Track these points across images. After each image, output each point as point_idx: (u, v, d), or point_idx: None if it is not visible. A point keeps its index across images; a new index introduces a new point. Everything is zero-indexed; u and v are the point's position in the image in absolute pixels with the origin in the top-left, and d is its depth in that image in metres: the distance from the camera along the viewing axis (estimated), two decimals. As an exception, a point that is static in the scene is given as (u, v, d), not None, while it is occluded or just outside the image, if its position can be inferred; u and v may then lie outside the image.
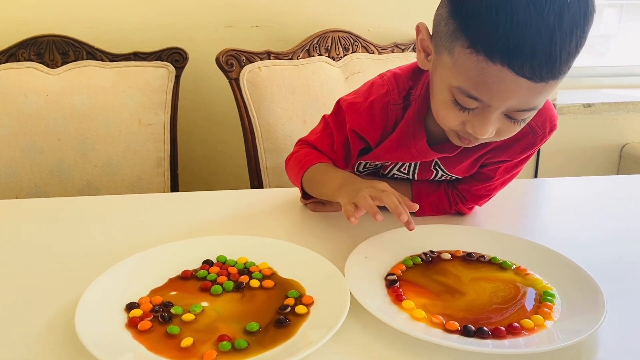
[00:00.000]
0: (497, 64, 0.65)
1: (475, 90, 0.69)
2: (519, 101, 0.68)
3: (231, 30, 1.64)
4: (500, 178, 0.92)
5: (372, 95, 0.87)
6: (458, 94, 0.71)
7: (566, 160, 2.04)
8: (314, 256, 0.76)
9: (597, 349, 0.61)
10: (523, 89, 0.66)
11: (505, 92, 0.67)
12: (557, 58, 0.64)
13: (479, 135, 0.73)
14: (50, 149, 1.38)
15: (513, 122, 0.73)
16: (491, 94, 0.68)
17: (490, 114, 0.71)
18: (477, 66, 0.66)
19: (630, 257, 0.84)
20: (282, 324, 0.63)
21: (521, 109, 0.70)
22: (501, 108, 0.70)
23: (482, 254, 0.80)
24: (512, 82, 0.65)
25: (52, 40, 1.41)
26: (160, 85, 1.44)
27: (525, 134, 0.85)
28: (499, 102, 0.69)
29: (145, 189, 1.44)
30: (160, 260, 0.75)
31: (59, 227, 0.92)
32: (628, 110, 1.99)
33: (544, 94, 0.69)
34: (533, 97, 0.68)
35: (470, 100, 0.70)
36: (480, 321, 0.64)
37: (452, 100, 0.72)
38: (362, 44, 1.60)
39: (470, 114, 0.72)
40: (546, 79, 0.65)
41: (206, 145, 1.74)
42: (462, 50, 0.67)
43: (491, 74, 0.66)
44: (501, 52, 0.64)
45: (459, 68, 0.69)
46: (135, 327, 0.61)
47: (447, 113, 0.75)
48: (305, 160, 0.91)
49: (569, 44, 0.64)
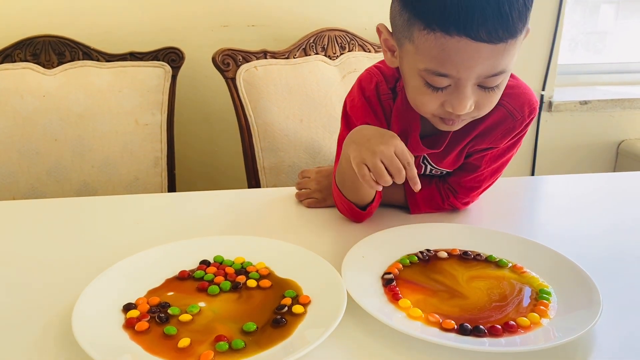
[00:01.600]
0: (455, 36, 0.68)
1: (442, 66, 0.71)
2: (486, 66, 0.71)
3: (227, 29, 1.63)
4: (487, 167, 0.93)
5: (365, 91, 0.90)
6: (427, 75, 0.74)
7: (563, 158, 2.05)
8: (310, 256, 0.76)
9: (593, 347, 0.62)
10: (486, 54, 0.69)
11: (469, 61, 0.70)
12: (509, 16, 0.67)
13: (459, 111, 0.75)
14: (47, 150, 1.37)
15: (487, 91, 0.75)
16: (457, 67, 0.71)
17: (464, 88, 0.73)
18: (437, 43, 0.69)
19: (626, 254, 0.84)
20: (279, 323, 0.63)
21: (490, 74, 0.72)
22: (471, 78, 0.72)
23: (478, 252, 0.81)
24: (474, 50, 0.68)
25: (48, 41, 1.41)
26: (157, 85, 1.44)
27: (504, 118, 0.87)
28: (467, 72, 0.71)
29: (142, 189, 1.44)
30: (157, 261, 0.75)
31: (56, 228, 0.92)
32: (625, 107, 1.99)
33: (507, 55, 0.71)
34: (497, 60, 0.71)
35: (440, 79, 0.73)
36: (477, 319, 0.64)
37: (424, 84, 0.75)
38: (358, 42, 1.60)
39: (445, 92, 0.75)
40: (504, 39, 0.68)
41: (203, 144, 1.74)
42: (419, 34, 0.71)
43: (452, 47, 0.69)
44: (455, 23, 0.67)
45: (421, 51, 0.72)
46: (133, 328, 0.61)
47: (423, 98, 0.77)
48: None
49: (516, 2, 0.67)
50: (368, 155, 0.76)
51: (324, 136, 1.48)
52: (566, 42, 2.08)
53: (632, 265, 0.81)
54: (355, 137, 0.81)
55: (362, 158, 0.76)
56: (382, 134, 0.79)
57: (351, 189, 0.89)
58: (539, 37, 1.87)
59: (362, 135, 0.80)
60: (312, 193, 1.01)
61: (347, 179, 0.88)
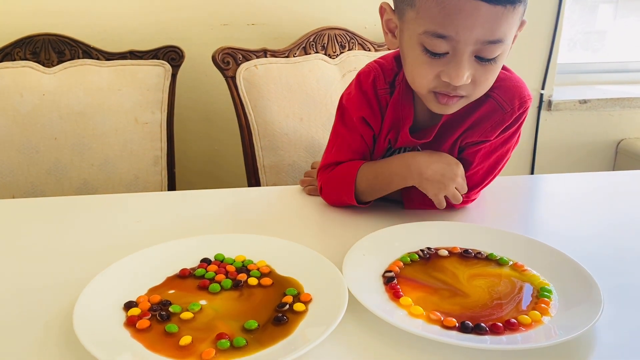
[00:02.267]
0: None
1: (441, 27, 0.74)
2: (484, 29, 0.73)
3: (227, 28, 1.63)
4: (481, 163, 0.93)
5: (362, 85, 0.92)
6: (427, 39, 0.76)
7: (562, 157, 2.05)
8: (311, 254, 0.76)
9: (594, 344, 0.62)
10: (484, 14, 0.72)
11: (468, 20, 0.72)
12: None
13: (456, 81, 0.76)
14: (47, 148, 1.37)
15: (484, 64, 0.77)
16: (457, 27, 0.73)
17: (462, 55, 0.75)
18: (437, 2, 0.72)
19: (626, 252, 0.84)
20: (281, 321, 0.63)
21: (487, 39, 0.74)
22: (469, 42, 0.74)
23: (479, 250, 0.81)
24: (473, 8, 0.71)
25: (48, 39, 1.41)
26: (157, 83, 1.44)
27: (494, 110, 0.88)
28: (465, 33, 0.73)
29: (142, 187, 1.43)
30: (158, 259, 0.75)
31: (56, 227, 0.92)
32: (624, 106, 1.99)
33: (504, 22, 0.73)
34: (496, 25, 0.73)
35: (439, 41, 0.75)
36: (478, 317, 0.65)
37: (422, 50, 0.77)
38: (358, 41, 1.60)
39: (442, 60, 0.77)
40: (503, 2, 0.71)
41: (203, 143, 1.74)
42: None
43: (452, 5, 0.72)
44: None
45: (422, 13, 0.75)
46: (134, 326, 0.61)
47: (421, 69, 0.79)
48: (345, 175, 0.93)
49: None
50: (447, 190, 0.87)
51: (324, 135, 1.47)
52: (565, 41, 2.08)
53: (633, 263, 0.81)
54: (426, 172, 0.87)
55: (443, 191, 0.87)
56: (449, 163, 0.87)
57: (373, 194, 0.94)
58: (538, 36, 1.87)
59: (433, 171, 0.86)
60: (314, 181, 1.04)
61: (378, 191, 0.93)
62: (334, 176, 0.95)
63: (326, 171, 0.97)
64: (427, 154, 0.88)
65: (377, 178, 0.91)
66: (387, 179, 0.90)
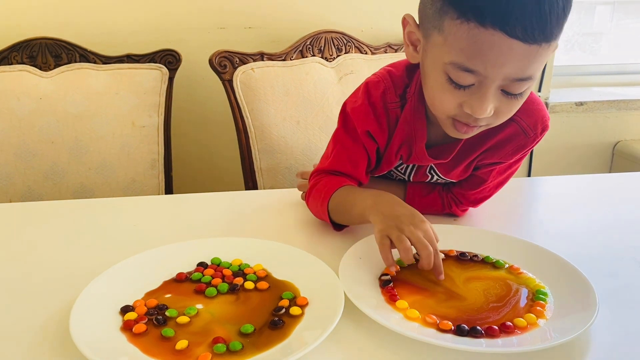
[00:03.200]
0: (489, 28, 0.65)
1: (470, 61, 0.68)
2: (515, 67, 0.68)
3: (224, 31, 1.64)
4: (493, 180, 0.92)
5: (371, 97, 0.86)
6: (452, 70, 0.70)
7: (559, 159, 2.05)
8: (308, 257, 0.76)
9: (589, 347, 0.62)
10: (517, 53, 0.66)
11: (499, 58, 0.67)
12: (547, 18, 0.64)
13: (478, 114, 0.71)
14: (44, 152, 1.37)
15: (510, 98, 0.72)
16: (486, 63, 0.67)
17: (487, 89, 0.70)
18: (469, 35, 0.66)
19: (622, 254, 0.84)
20: (277, 325, 0.63)
21: (517, 77, 0.69)
22: (497, 78, 0.69)
23: (475, 253, 0.81)
24: (506, 46, 0.65)
25: (45, 43, 1.41)
26: (154, 87, 1.44)
27: (517, 134, 0.85)
28: (495, 70, 0.68)
29: (139, 191, 1.43)
30: (155, 263, 0.75)
31: (53, 231, 0.92)
32: (620, 109, 2.00)
33: (537, 61, 0.68)
34: (528, 63, 0.68)
35: (465, 75, 0.69)
36: (474, 320, 0.65)
37: (447, 79, 0.71)
38: (355, 44, 1.60)
39: (466, 92, 0.71)
40: (539, 41, 0.66)
41: (200, 146, 1.74)
42: (451, 23, 0.68)
43: (484, 40, 0.66)
44: (492, 15, 0.64)
45: (450, 42, 0.69)
46: (130, 330, 0.61)
47: (442, 96, 0.74)
48: (327, 189, 0.88)
49: (556, 5, 0.65)
50: (394, 231, 0.73)
51: (321, 138, 1.48)
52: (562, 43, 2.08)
53: (628, 265, 0.81)
54: (385, 209, 0.77)
55: (388, 232, 0.73)
56: (414, 215, 0.75)
57: (339, 217, 0.88)
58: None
59: (392, 210, 0.76)
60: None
61: (344, 215, 0.87)
62: (319, 188, 0.91)
63: (318, 177, 0.93)
64: (397, 200, 0.80)
65: (345, 199, 0.86)
66: (350, 204, 0.85)
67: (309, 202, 0.94)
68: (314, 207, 0.92)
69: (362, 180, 0.91)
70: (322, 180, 0.91)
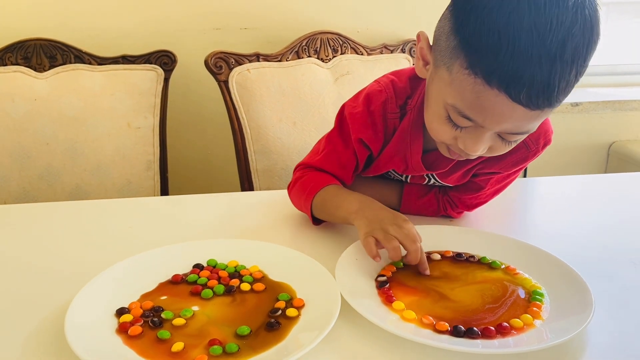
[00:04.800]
0: (494, 88, 0.63)
1: (470, 111, 0.68)
2: (513, 125, 0.68)
3: (220, 32, 1.63)
4: (491, 188, 0.92)
5: (371, 104, 0.86)
6: (452, 112, 0.70)
7: (554, 159, 2.06)
8: (304, 259, 0.76)
9: (585, 347, 0.62)
10: (518, 115, 0.66)
11: (499, 117, 0.67)
12: (555, 87, 0.63)
13: (471, 152, 0.72)
14: (39, 154, 1.37)
15: (505, 142, 0.73)
16: (485, 117, 0.68)
17: (483, 134, 0.70)
18: (474, 88, 0.65)
19: (617, 255, 0.85)
20: (273, 327, 0.63)
21: (514, 132, 0.70)
22: (494, 130, 0.70)
23: (471, 254, 0.81)
24: (508, 108, 0.65)
25: (40, 44, 1.40)
26: (149, 88, 1.44)
27: (518, 147, 0.84)
28: (493, 124, 0.68)
29: (134, 192, 1.43)
30: (150, 265, 0.75)
31: (48, 232, 0.91)
32: (615, 109, 2.00)
33: (538, 120, 0.68)
34: (527, 122, 0.68)
35: (463, 120, 0.70)
36: (470, 321, 0.65)
37: (446, 116, 0.72)
38: (351, 45, 1.60)
39: (462, 131, 0.72)
40: (542, 107, 0.65)
41: (196, 148, 1.73)
42: (460, 70, 0.66)
43: (487, 98, 0.65)
44: (499, 78, 0.63)
45: (455, 87, 0.68)
46: (126, 333, 0.61)
47: (439, 127, 0.74)
48: (313, 185, 0.89)
49: (568, 73, 0.63)
50: (380, 232, 0.74)
51: (317, 139, 1.45)
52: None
53: (624, 265, 0.81)
54: (369, 214, 0.79)
55: (373, 234, 0.75)
56: (396, 216, 0.77)
57: (322, 214, 0.90)
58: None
59: (375, 215, 0.78)
60: None
61: (327, 214, 0.89)
62: (304, 182, 0.92)
63: (304, 171, 0.94)
64: (380, 206, 0.82)
65: (331, 200, 0.87)
66: (334, 205, 0.86)
67: (292, 194, 0.95)
68: (297, 199, 0.94)
69: (347, 182, 0.92)
70: (307, 174, 0.93)
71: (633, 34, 2.25)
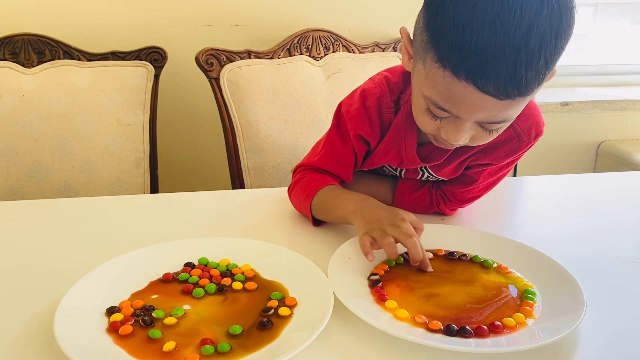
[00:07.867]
0: (462, 80, 0.65)
1: (444, 102, 0.70)
2: (487, 115, 0.69)
3: (211, 29, 1.62)
4: (484, 181, 0.93)
5: (367, 101, 0.87)
6: (430, 103, 0.72)
7: (544, 159, 2.07)
8: (296, 257, 0.75)
9: (577, 346, 0.62)
10: (489, 105, 0.67)
11: (472, 107, 0.68)
12: (522, 77, 0.63)
13: (453, 141, 0.74)
14: (27, 150, 1.35)
15: (486, 131, 0.74)
16: (459, 108, 0.69)
17: (463, 124, 0.72)
18: (445, 81, 0.67)
19: (608, 254, 0.85)
20: (265, 326, 0.62)
21: (492, 121, 0.71)
22: (471, 120, 0.71)
23: (463, 252, 0.81)
24: (478, 99, 0.66)
25: (28, 39, 1.38)
26: (139, 84, 1.42)
27: (510, 138, 0.86)
28: (467, 114, 0.70)
29: (124, 190, 1.42)
30: (141, 263, 0.74)
31: (37, 230, 0.90)
32: (604, 109, 2.02)
33: (513, 108, 0.69)
34: (501, 112, 0.69)
35: (440, 111, 0.71)
36: (463, 320, 0.65)
37: (426, 108, 0.73)
38: (342, 43, 1.60)
39: (443, 121, 0.73)
40: (512, 96, 0.65)
41: (186, 145, 1.72)
42: (432, 64, 0.68)
43: (457, 90, 0.66)
44: (465, 70, 0.64)
45: (429, 80, 0.70)
46: (116, 332, 0.61)
47: (422, 119, 0.76)
48: (312, 186, 0.90)
49: (536, 63, 0.63)
50: (377, 232, 0.75)
51: (309, 137, 1.47)
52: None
53: (614, 264, 0.82)
54: (367, 214, 0.80)
55: (371, 234, 0.76)
56: (394, 215, 0.78)
57: (321, 214, 0.90)
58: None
59: (373, 214, 0.79)
60: None
61: (326, 214, 0.89)
62: (303, 183, 0.93)
63: (304, 172, 0.95)
64: (379, 204, 0.83)
65: (330, 200, 0.88)
66: (333, 205, 0.87)
67: (292, 196, 0.96)
68: (297, 201, 0.95)
69: (347, 180, 0.94)
70: (307, 176, 0.94)
71: (622, 34, 2.27)
